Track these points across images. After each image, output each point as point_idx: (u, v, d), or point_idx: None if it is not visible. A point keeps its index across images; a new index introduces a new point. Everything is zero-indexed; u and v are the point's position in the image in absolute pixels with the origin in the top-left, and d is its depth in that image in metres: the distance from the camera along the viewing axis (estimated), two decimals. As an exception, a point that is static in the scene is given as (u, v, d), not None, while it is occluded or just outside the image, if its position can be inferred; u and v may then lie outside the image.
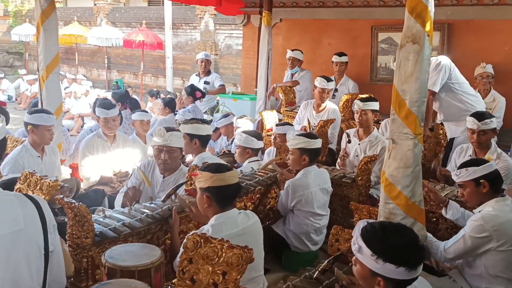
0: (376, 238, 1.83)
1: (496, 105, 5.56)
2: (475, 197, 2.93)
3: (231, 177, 2.58)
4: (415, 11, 2.63)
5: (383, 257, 1.78)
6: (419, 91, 2.66)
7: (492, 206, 2.83)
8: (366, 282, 1.90)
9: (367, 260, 1.83)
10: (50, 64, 4.45)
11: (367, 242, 1.84)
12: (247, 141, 4.41)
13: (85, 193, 4.23)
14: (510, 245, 2.73)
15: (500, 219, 2.75)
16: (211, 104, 7.73)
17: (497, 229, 2.72)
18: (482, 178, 2.87)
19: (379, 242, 1.82)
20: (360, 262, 1.88)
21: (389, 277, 1.80)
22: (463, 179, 2.94)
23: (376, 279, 1.83)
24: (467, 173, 2.91)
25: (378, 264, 1.79)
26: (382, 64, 7.00)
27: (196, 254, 2.04)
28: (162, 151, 3.53)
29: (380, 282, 1.83)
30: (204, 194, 2.56)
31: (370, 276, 1.85)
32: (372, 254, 1.81)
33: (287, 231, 3.80)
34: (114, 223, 2.72)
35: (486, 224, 2.73)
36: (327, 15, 7.35)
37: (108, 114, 4.62)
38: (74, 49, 16.20)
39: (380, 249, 1.80)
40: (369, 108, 4.61)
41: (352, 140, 4.78)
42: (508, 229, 2.74)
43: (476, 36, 6.14)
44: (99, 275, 2.52)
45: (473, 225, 2.78)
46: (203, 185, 2.56)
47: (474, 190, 2.91)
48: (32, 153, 4.02)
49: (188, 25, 14.18)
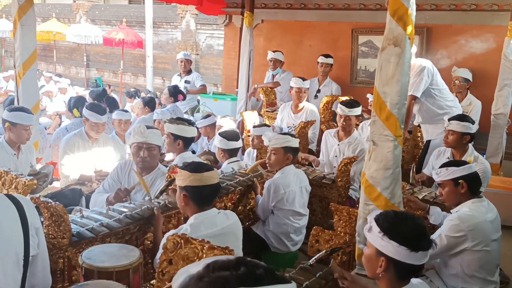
0: (386, 219, 1.97)
1: (472, 109, 5.66)
2: (453, 196, 2.98)
3: (210, 177, 2.54)
4: (396, 14, 2.66)
5: (389, 235, 1.90)
6: (399, 93, 2.69)
7: (469, 207, 2.89)
8: (370, 264, 2.00)
9: (375, 238, 1.95)
10: (27, 61, 4.35)
11: (378, 221, 1.96)
12: (223, 143, 4.39)
13: (62, 192, 4.14)
14: (485, 245, 2.79)
15: (476, 219, 2.81)
16: (192, 104, 7.68)
17: (473, 229, 2.77)
18: (461, 178, 2.92)
19: (388, 222, 1.95)
20: (369, 242, 2.01)
21: (392, 257, 1.90)
22: (442, 178, 2.98)
23: (379, 259, 1.94)
24: (447, 173, 2.96)
25: (384, 241, 1.91)
26: (362, 67, 7.07)
27: (176, 255, 2.02)
28: (142, 149, 3.49)
29: (383, 262, 1.93)
30: (182, 193, 2.56)
31: (375, 257, 1.96)
32: (380, 231, 1.93)
33: (266, 231, 3.80)
34: (92, 223, 2.67)
35: (462, 224, 2.79)
36: (308, 17, 7.40)
37: (100, 120, 4.52)
38: (52, 46, 15.91)
39: (388, 227, 1.93)
40: (354, 114, 4.67)
41: (331, 141, 4.84)
42: (483, 230, 2.80)
43: (454, 40, 6.26)
44: (76, 276, 2.47)
45: (449, 224, 2.83)
46: (181, 184, 2.55)
47: (453, 189, 2.96)
48: (8, 151, 3.93)
49: (169, 24, 14.09)
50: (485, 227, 2.81)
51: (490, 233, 2.84)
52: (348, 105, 4.69)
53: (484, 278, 2.84)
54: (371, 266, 2.01)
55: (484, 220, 2.83)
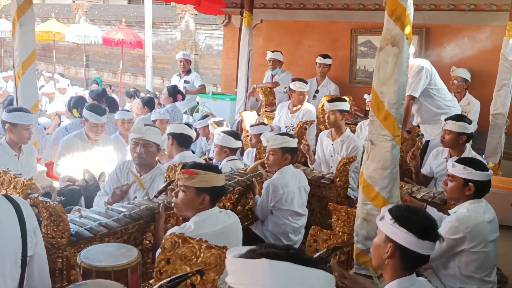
0: (399, 209, 2.07)
1: (470, 109, 5.66)
2: (456, 193, 2.95)
3: (224, 177, 2.63)
4: (394, 14, 2.66)
5: (399, 222, 1.99)
6: (397, 93, 2.70)
7: (467, 208, 2.87)
8: (378, 251, 2.08)
9: (385, 225, 2.04)
10: (26, 60, 4.35)
11: (391, 211, 2.05)
12: (225, 140, 4.41)
13: (61, 192, 4.15)
14: (483, 246, 2.78)
15: (474, 220, 2.79)
16: (191, 104, 7.68)
17: (471, 230, 2.76)
18: (472, 181, 2.87)
19: (400, 212, 2.04)
20: (379, 230, 2.10)
21: (399, 243, 1.97)
22: (455, 173, 2.92)
23: (387, 246, 2.02)
24: (463, 171, 2.89)
25: (394, 228, 1.99)
26: (361, 67, 7.07)
27: (173, 255, 2.02)
28: (138, 145, 3.50)
29: (390, 249, 2.01)
30: (203, 194, 2.48)
31: (383, 243, 2.04)
32: (391, 218, 2.02)
33: (265, 231, 3.80)
34: (91, 223, 2.68)
35: (461, 226, 2.77)
36: (308, 17, 7.40)
37: (100, 120, 4.52)
38: (52, 46, 15.88)
39: (399, 215, 2.02)
40: (336, 109, 4.69)
41: (326, 141, 4.88)
42: (481, 231, 2.79)
43: (452, 40, 6.26)
44: (74, 276, 2.47)
45: (447, 226, 2.82)
46: (206, 185, 2.47)
47: (460, 187, 2.91)
48: (9, 152, 3.94)
49: (168, 24, 14.08)
50: (483, 228, 2.80)
51: (488, 234, 2.82)
52: (330, 100, 4.80)
53: (482, 278, 2.83)
54: (378, 253, 2.08)
55: (482, 221, 2.82)
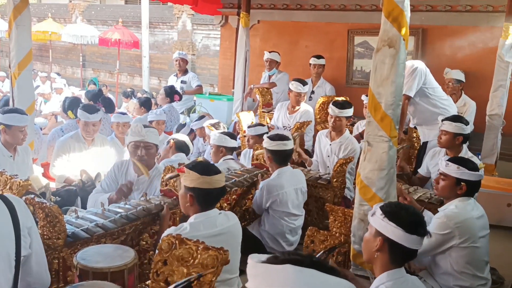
0: (390, 205, 2.18)
1: (466, 110, 5.68)
2: (447, 191, 3.00)
3: (218, 180, 2.52)
4: (391, 16, 2.67)
5: (389, 217, 2.07)
6: (394, 94, 2.71)
7: (455, 205, 2.93)
8: (368, 245, 2.17)
9: (376, 220, 2.12)
10: (23, 61, 4.34)
11: (382, 207, 2.15)
12: (221, 139, 4.41)
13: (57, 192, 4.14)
14: (472, 242, 2.83)
15: (462, 216, 2.85)
16: (188, 105, 7.68)
17: (459, 226, 2.81)
18: (464, 181, 2.92)
19: (391, 207, 2.14)
20: (370, 225, 2.19)
21: (388, 236, 2.06)
22: (448, 172, 2.97)
23: (377, 240, 2.10)
24: (456, 170, 2.94)
25: (384, 222, 2.08)
26: (358, 68, 7.08)
27: (170, 256, 2.02)
28: (139, 147, 3.49)
29: (379, 242, 2.09)
30: (188, 193, 2.51)
31: (373, 237, 2.13)
32: (381, 214, 2.11)
33: (262, 232, 3.80)
34: (87, 224, 2.67)
35: (449, 222, 2.82)
36: (305, 18, 7.41)
37: (89, 119, 4.45)
38: (48, 46, 15.84)
39: (390, 211, 2.11)
40: (344, 116, 4.68)
41: (324, 141, 4.87)
42: (469, 226, 2.84)
43: (449, 41, 6.28)
44: (71, 277, 2.46)
45: (436, 222, 2.87)
46: (189, 184, 2.49)
47: (452, 186, 2.96)
48: (4, 153, 3.92)
49: (165, 24, 14.07)
50: (471, 223, 2.86)
51: (477, 230, 2.87)
52: (339, 106, 4.69)
53: (474, 274, 2.87)
54: (368, 247, 2.16)
55: (471, 217, 2.87)
